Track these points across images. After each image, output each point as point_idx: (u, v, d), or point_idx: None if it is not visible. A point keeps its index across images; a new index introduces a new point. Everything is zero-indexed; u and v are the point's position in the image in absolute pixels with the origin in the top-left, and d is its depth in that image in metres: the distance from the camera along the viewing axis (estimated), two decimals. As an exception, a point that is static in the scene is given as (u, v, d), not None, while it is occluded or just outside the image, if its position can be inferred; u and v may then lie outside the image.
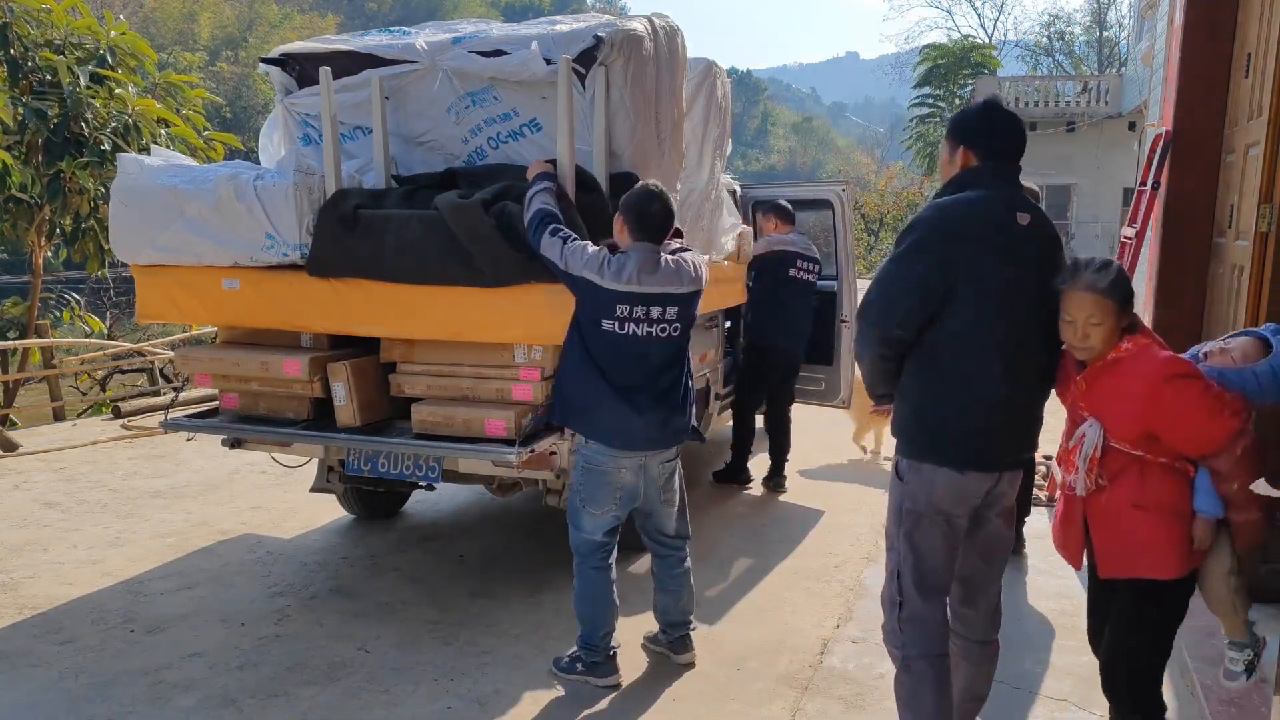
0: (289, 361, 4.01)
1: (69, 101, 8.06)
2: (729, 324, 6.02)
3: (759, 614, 4.09)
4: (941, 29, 65.26)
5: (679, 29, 4.18)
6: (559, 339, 3.46)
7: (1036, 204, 2.71)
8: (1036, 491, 5.33)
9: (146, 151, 5.49)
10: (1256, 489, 2.41)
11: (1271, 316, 3.67)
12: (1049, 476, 4.82)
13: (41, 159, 8.40)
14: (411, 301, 3.80)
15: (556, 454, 3.88)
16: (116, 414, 8.19)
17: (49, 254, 9.86)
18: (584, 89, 3.81)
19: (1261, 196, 3.73)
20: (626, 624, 3.88)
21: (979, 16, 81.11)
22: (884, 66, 59.04)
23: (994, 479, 2.56)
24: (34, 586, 4.39)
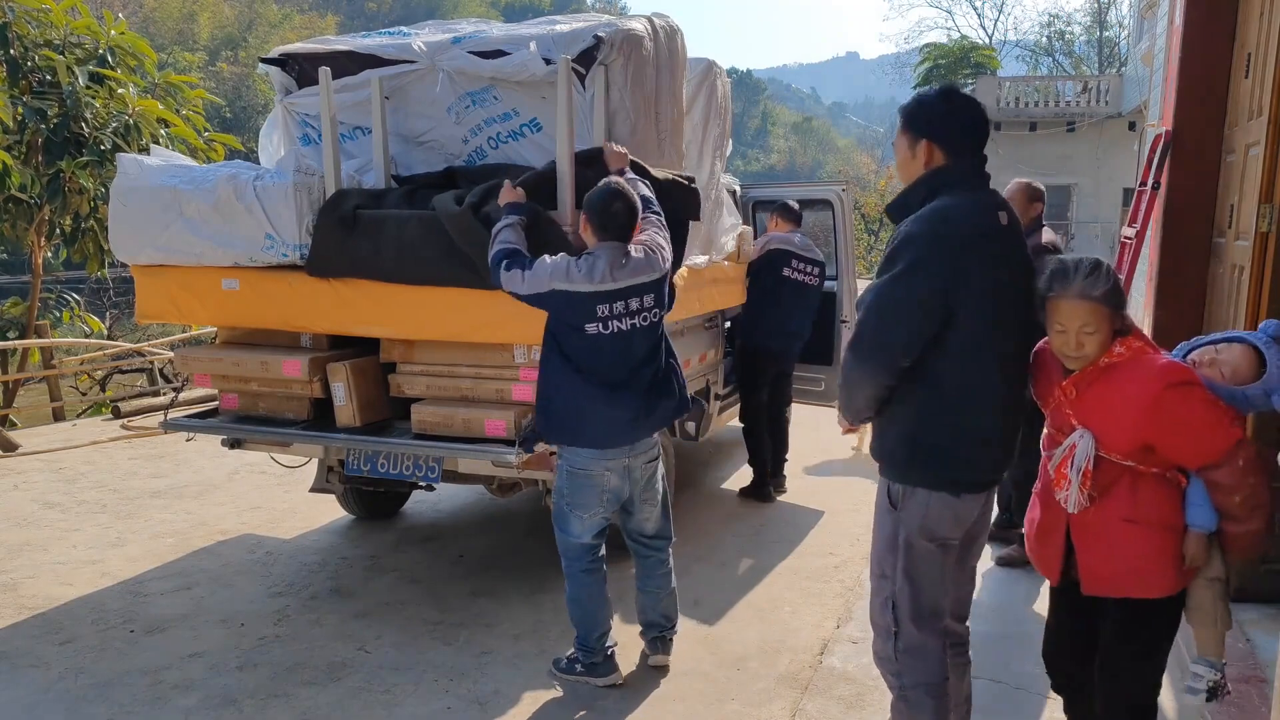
0: (289, 362, 4.02)
1: (69, 101, 8.06)
2: (728, 324, 6.02)
3: (759, 614, 4.09)
4: (941, 29, 65.25)
5: (679, 29, 4.18)
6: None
7: (1044, 199, 2.65)
8: None
9: (146, 151, 5.49)
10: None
11: (1271, 316, 3.67)
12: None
13: (41, 159, 8.39)
14: (411, 301, 3.80)
15: (556, 454, 3.88)
16: (116, 414, 8.20)
17: (49, 254, 9.86)
18: (584, 89, 3.81)
19: (1261, 196, 3.73)
20: (634, 622, 3.88)
21: (979, 16, 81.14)
22: (884, 66, 59.00)
23: (986, 497, 2.48)
24: (34, 587, 4.39)
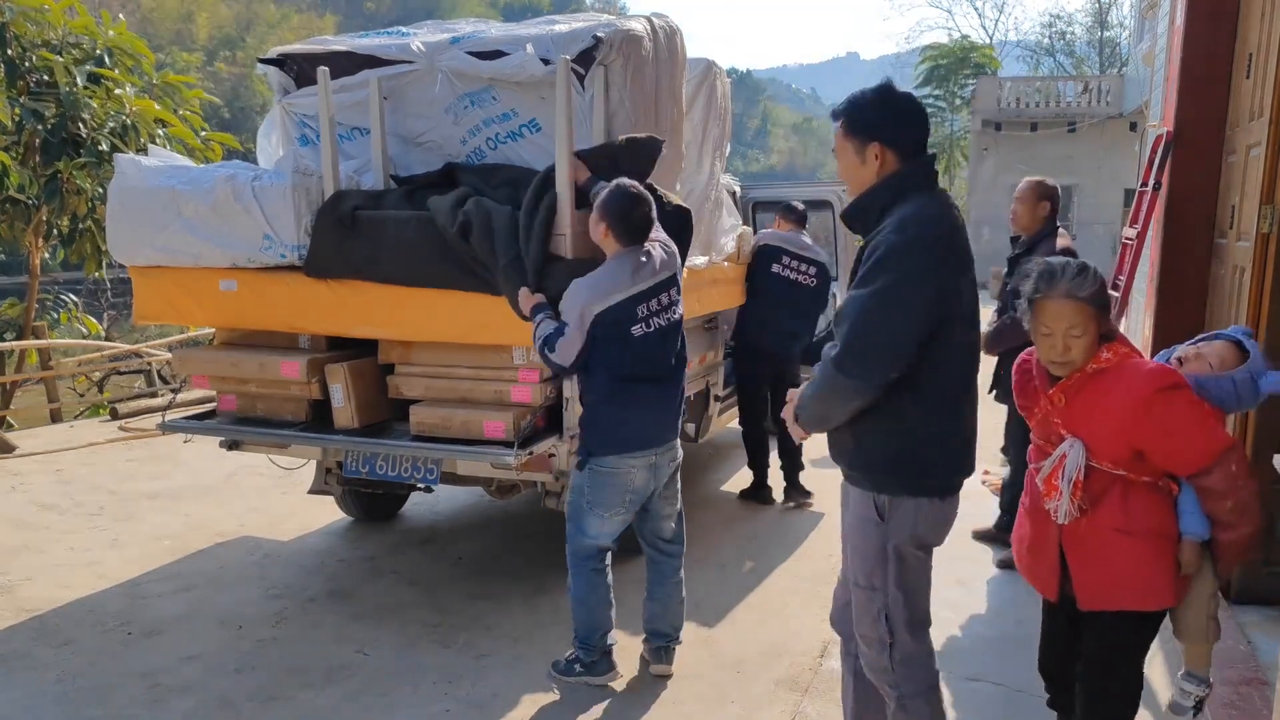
0: (287, 363, 4.00)
1: (66, 102, 8.04)
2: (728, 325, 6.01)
3: (758, 617, 4.08)
4: (942, 29, 65.32)
5: (678, 29, 4.17)
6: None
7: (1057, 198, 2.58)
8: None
9: (144, 152, 5.48)
10: None
11: (1273, 317, 3.66)
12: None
13: (39, 159, 8.38)
14: (409, 303, 3.79)
15: (555, 456, 3.87)
16: (114, 415, 8.18)
17: (46, 255, 9.85)
18: (583, 89, 3.80)
19: (1263, 197, 3.73)
20: (633, 623, 3.87)
21: (979, 16, 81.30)
22: (884, 66, 59.00)
23: (958, 497, 2.45)
24: (31, 589, 4.37)
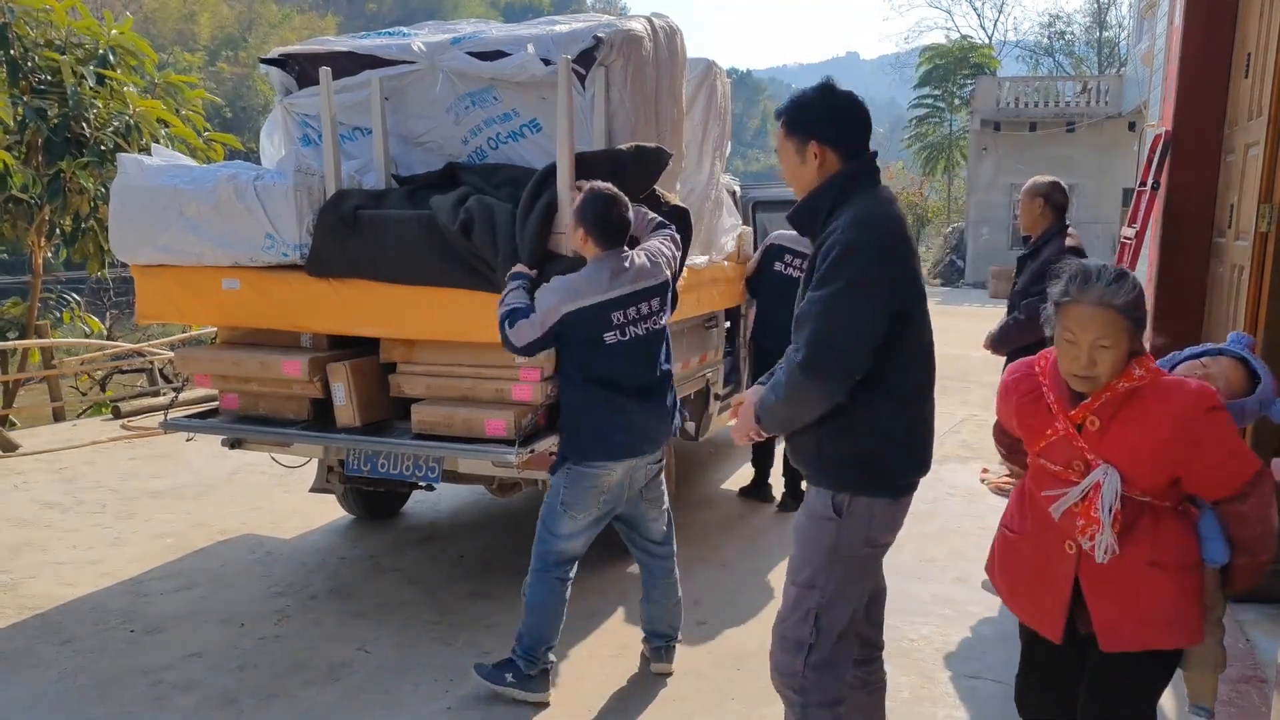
0: (289, 362, 4.01)
1: (69, 101, 8.06)
2: (729, 324, 6.01)
3: (758, 615, 4.09)
4: (941, 29, 65.30)
5: (678, 29, 4.18)
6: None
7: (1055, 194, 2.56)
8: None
9: (147, 151, 5.49)
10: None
11: (1271, 316, 3.68)
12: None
13: (42, 159, 8.40)
14: (411, 301, 3.80)
15: (556, 454, 3.88)
16: (116, 414, 8.19)
17: (49, 254, 9.86)
18: (584, 89, 3.81)
19: (1261, 196, 3.74)
20: (634, 621, 3.89)
21: (979, 16, 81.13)
22: (884, 66, 59.11)
23: (912, 495, 2.42)
24: (34, 587, 4.39)
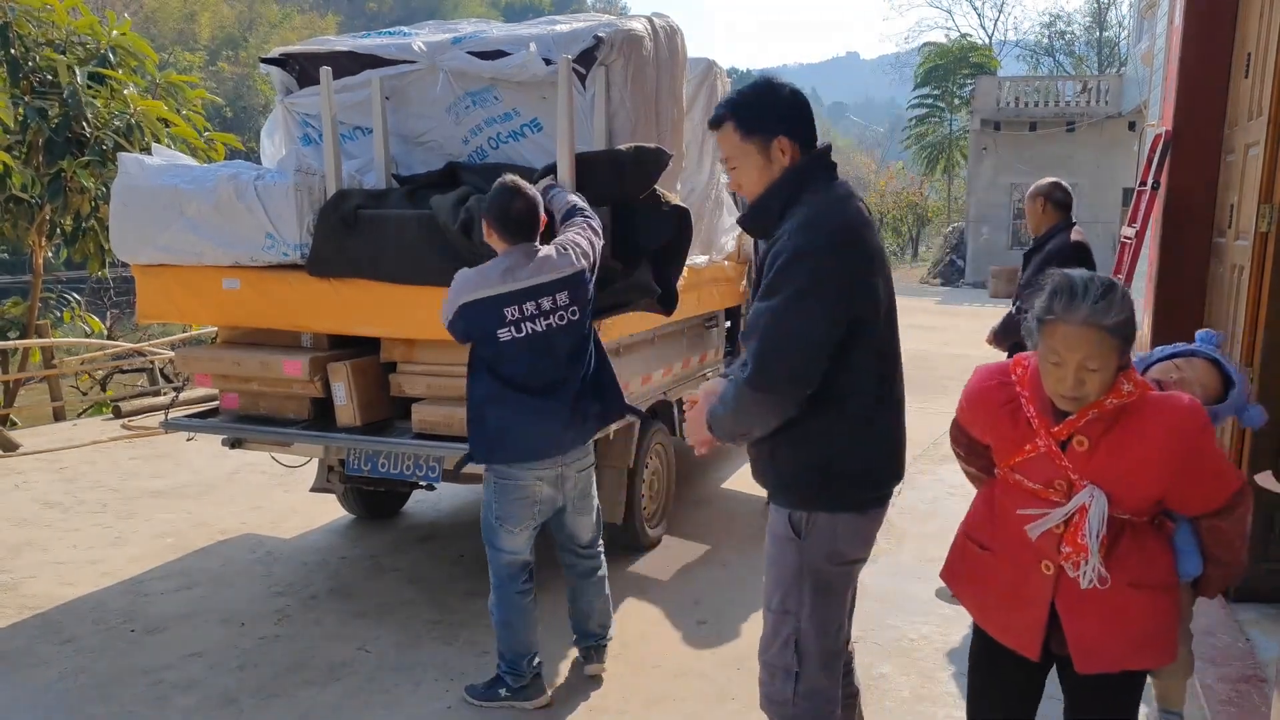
0: (289, 361, 4.02)
1: (70, 101, 8.05)
2: (729, 324, 6.02)
3: (758, 615, 4.08)
4: (941, 29, 65.26)
5: (679, 29, 4.18)
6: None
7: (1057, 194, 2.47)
8: None
9: (147, 151, 5.49)
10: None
11: (1271, 316, 3.68)
12: None
13: (42, 159, 8.39)
14: (412, 301, 3.80)
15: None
16: (117, 414, 8.20)
17: (49, 254, 9.86)
18: (584, 89, 3.81)
19: (1261, 196, 3.74)
20: (634, 621, 3.89)
21: (979, 16, 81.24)
22: (884, 66, 59.06)
23: (886, 508, 2.30)
24: (34, 586, 4.39)
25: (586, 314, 3.21)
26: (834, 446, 2.15)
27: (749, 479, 5.99)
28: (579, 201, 3.47)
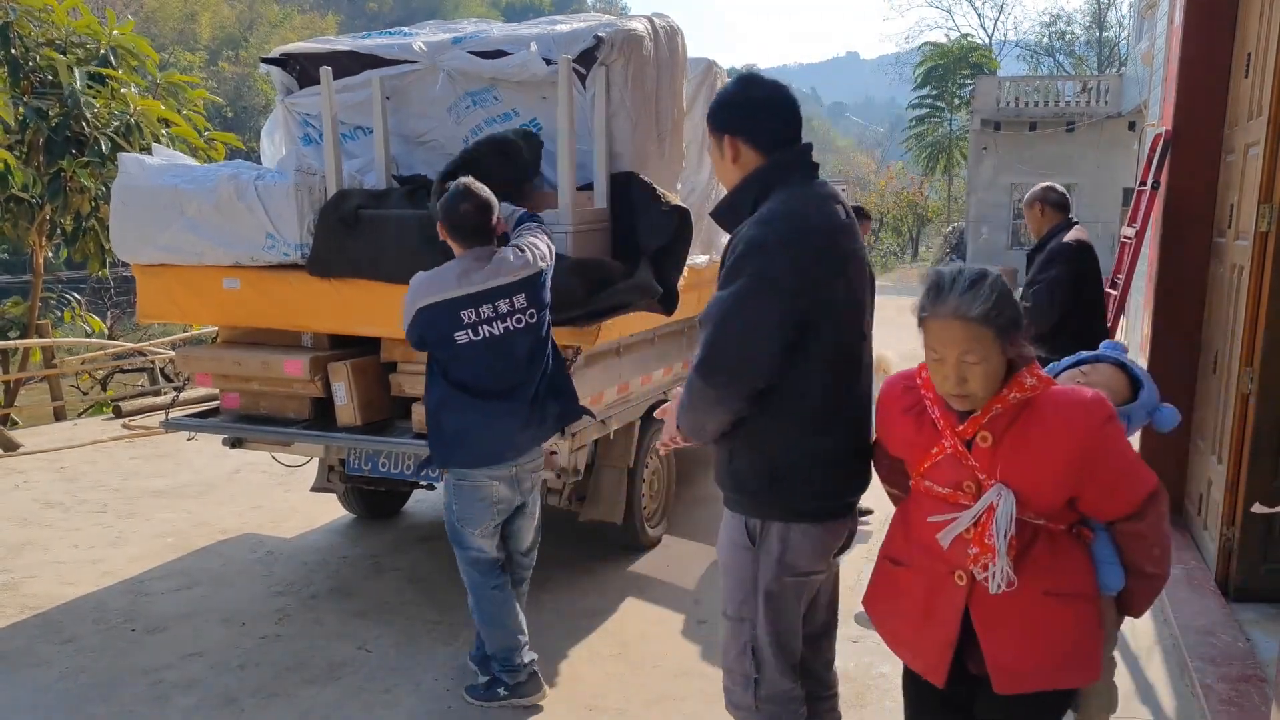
0: (290, 361, 4.02)
1: (70, 101, 8.06)
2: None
3: (759, 613, 4.09)
4: (941, 29, 65.30)
5: (679, 29, 4.19)
6: (560, 338, 3.47)
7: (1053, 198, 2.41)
8: None
9: (148, 151, 5.49)
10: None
11: (1272, 316, 3.68)
12: None
13: (42, 158, 8.40)
14: (412, 301, 3.80)
15: (557, 453, 3.88)
16: (117, 413, 8.20)
17: (50, 254, 9.87)
18: (584, 89, 3.81)
19: (1261, 196, 3.74)
20: (634, 621, 3.89)
21: (979, 16, 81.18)
22: (884, 66, 59.04)
23: (850, 522, 2.23)
24: (35, 586, 4.39)
25: (544, 316, 3.21)
26: (781, 449, 2.11)
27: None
28: (521, 210, 3.46)
